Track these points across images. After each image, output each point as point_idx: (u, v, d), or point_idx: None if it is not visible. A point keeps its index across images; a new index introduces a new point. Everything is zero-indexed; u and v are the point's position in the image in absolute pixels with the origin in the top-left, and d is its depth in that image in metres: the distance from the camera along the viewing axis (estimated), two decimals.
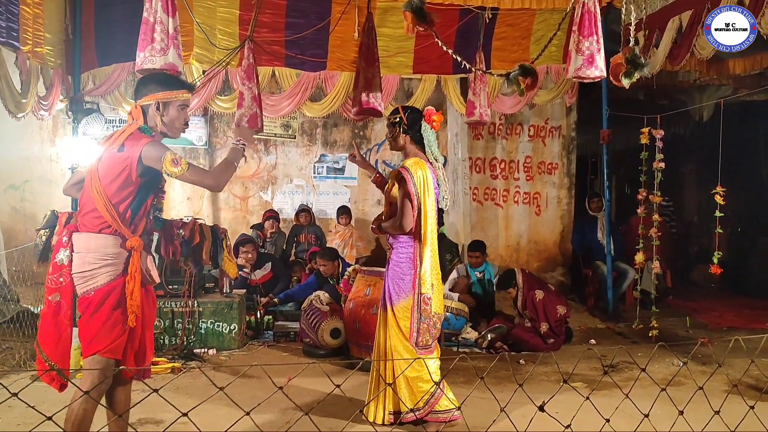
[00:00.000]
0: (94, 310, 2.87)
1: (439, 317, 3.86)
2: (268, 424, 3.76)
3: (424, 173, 3.80)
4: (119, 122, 8.60)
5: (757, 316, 7.66)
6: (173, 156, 2.85)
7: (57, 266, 2.91)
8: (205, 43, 6.91)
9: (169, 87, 3.06)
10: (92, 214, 2.89)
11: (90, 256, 2.88)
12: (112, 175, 2.87)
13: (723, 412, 2.35)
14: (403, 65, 7.65)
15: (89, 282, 2.87)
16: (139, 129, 2.97)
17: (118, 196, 2.89)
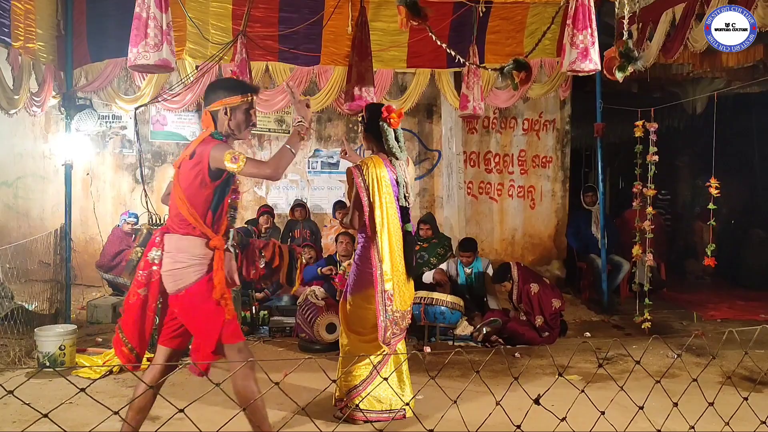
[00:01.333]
0: (194, 309, 3.07)
1: (403, 314, 3.91)
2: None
3: (376, 171, 3.85)
4: (112, 118, 8.58)
5: (751, 308, 7.69)
6: (232, 154, 2.98)
7: (148, 263, 3.11)
8: (198, 38, 6.88)
9: (235, 92, 3.20)
10: (178, 217, 3.09)
11: (179, 256, 3.06)
12: (189, 181, 3.06)
13: (717, 403, 2.36)
14: (396, 59, 7.64)
15: (179, 281, 3.05)
16: (211, 135, 3.14)
17: (198, 200, 3.06)
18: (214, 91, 3.25)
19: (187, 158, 3.08)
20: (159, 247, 3.11)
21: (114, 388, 4.63)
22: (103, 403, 1.78)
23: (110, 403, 4.15)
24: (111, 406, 2.56)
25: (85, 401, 3.86)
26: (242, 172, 3.03)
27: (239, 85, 3.38)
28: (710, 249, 5.92)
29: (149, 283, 3.10)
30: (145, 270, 3.11)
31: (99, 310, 6.78)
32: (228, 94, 3.20)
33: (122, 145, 8.79)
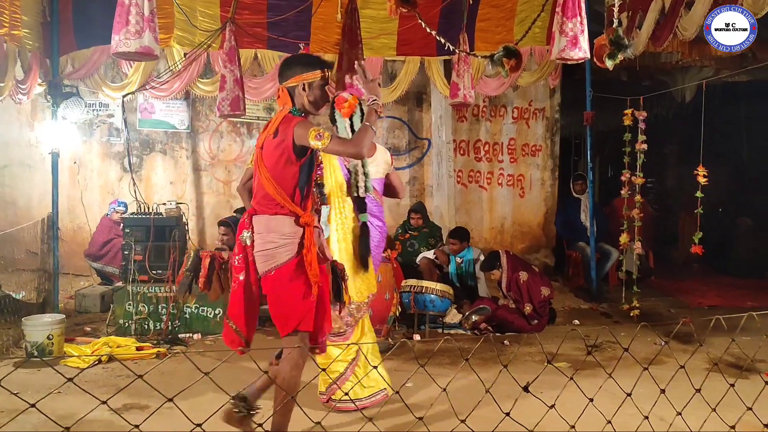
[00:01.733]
0: (281, 289, 3.05)
1: (358, 306, 3.94)
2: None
3: (328, 161, 3.91)
4: (99, 106, 8.49)
5: (738, 295, 7.77)
6: (317, 131, 2.95)
7: (241, 246, 3.14)
8: (186, 25, 6.82)
9: (312, 67, 3.18)
10: (265, 198, 3.08)
11: (270, 236, 3.06)
12: (274, 160, 3.04)
13: (704, 390, 2.38)
14: (386, 47, 7.61)
15: (269, 261, 3.05)
16: (290, 112, 3.11)
17: (285, 179, 3.05)
18: (289, 68, 3.21)
19: (270, 137, 3.07)
20: (248, 229, 3.13)
21: (103, 378, 4.62)
22: (91, 393, 1.77)
23: (99, 392, 4.14)
24: (99, 395, 2.54)
25: (74, 391, 3.85)
26: (327, 149, 3.01)
27: (316, 60, 3.35)
28: (697, 237, 5.95)
29: (247, 265, 3.13)
30: (239, 254, 3.15)
31: (87, 299, 6.75)
32: (305, 69, 3.17)
33: (110, 134, 8.72)
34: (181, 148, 8.76)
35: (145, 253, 5.84)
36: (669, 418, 2.47)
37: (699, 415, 2.53)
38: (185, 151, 8.77)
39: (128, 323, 5.76)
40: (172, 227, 5.94)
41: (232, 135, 8.83)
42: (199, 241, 8.64)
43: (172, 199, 6.57)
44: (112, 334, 5.69)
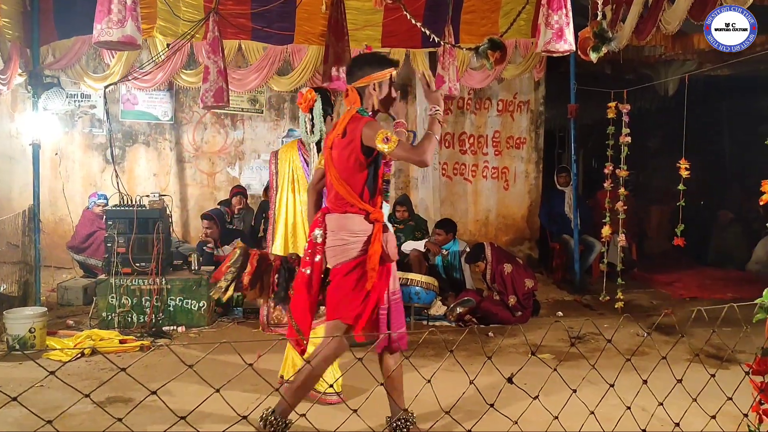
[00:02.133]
0: (340, 279, 3.13)
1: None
2: (238, 401, 3.76)
3: (288, 155, 3.99)
4: (81, 97, 8.41)
5: (718, 287, 7.84)
6: (384, 134, 2.99)
7: (312, 243, 3.23)
8: (169, 15, 6.75)
9: (382, 66, 3.22)
10: (336, 197, 3.16)
11: (342, 234, 3.14)
12: (343, 160, 3.11)
13: (685, 380, 2.41)
14: (371, 39, 7.57)
15: (339, 256, 3.14)
16: (357, 111, 3.15)
17: (354, 178, 3.12)
18: (360, 67, 3.24)
19: (339, 137, 3.12)
20: (321, 227, 3.20)
21: (86, 371, 4.58)
22: (74, 386, 1.75)
23: (82, 386, 4.11)
24: (82, 389, 2.53)
25: (56, 384, 3.81)
26: (392, 154, 3.03)
27: (385, 59, 3.37)
28: (679, 229, 6.01)
29: (313, 261, 3.21)
30: (309, 249, 3.23)
31: (70, 292, 6.69)
32: (375, 69, 3.20)
33: (92, 125, 8.63)
34: (165, 139, 8.70)
35: (128, 245, 5.80)
36: (651, 409, 2.49)
37: (680, 405, 2.56)
38: (168, 143, 8.71)
39: (111, 316, 5.72)
40: (156, 219, 5.90)
41: (216, 126, 8.78)
42: (183, 233, 8.59)
43: (156, 191, 6.52)
44: (95, 327, 5.65)
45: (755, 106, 9.02)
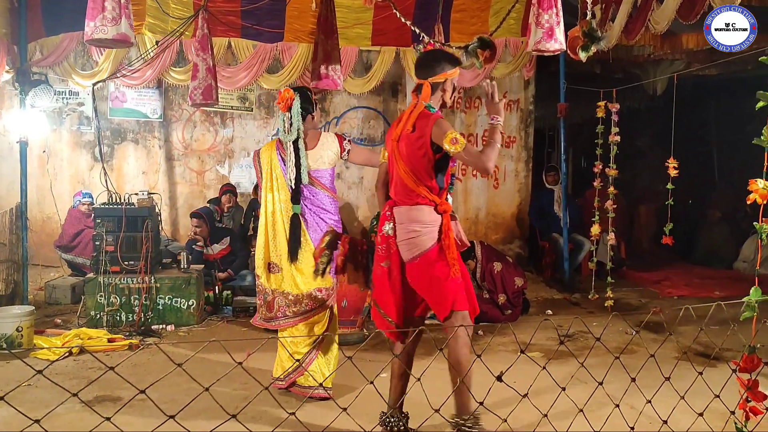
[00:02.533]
0: (427, 275, 3.19)
1: (284, 294, 3.98)
2: (227, 400, 3.75)
3: (267, 155, 4.04)
4: (69, 94, 8.34)
5: (706, 286, 7.90)
6: (453, 135, 3.08)
7: (384, 237, 3.29)
8: (158, 12, 6.71)
9: (454, 64, 3.33)
10: (405, 189, 3.24)
11: (412, 226, 3.22)
12: (413, 155, 3.19)
13: (673, 378, 2.43)
14: (361, 37, 7.57)
15: (414, 249, 3.21)
16: (426, 107, 3.23)
17: (423, 172, 3.20)
18: (438, 63, 3.29)
19: (408, 131, 3.19)
20: (390, 220, 3.27)
21: (74, 370, 4.56)
22: (61, 385, 1.74)
23: (70, 385, 4.09)
24: (70, 388, 2.51)
25: (44, 383, 3.79)
26: (457, 155, 3.12)
27: (456, 58, 3.46)
28: (668, 228, 6.05)
29: (389, 255, 3.27)
30: (382, 244, 3.29)
31: (58, 290, 6.65)
32: (451, 66, 3.29)
33: (80, 122, 8.57)
34: (154, 137, 8.65)
35: (116, 243, 5.77)
36: (639, 406, 2.51)
37: (668, 403, 2.58)
38: (158, 141, 8.66)
39: (100, 315, 5.69)
40: (145, 218, 5.87)
41: (206, 124, 8.74)
42: (172, 232, 8.55)
43: (145, 189, 6.49)
44: (84, 325, 5.62)
45: (743, 105, 9.03)
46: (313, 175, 3.97)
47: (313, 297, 3.97)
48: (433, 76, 3.27)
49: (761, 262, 3.11)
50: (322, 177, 4.00)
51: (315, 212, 3.98)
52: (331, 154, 4.03)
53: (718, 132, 11.50)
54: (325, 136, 4.08)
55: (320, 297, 3.98)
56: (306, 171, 3.93)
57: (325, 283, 3.99)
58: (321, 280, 3.95)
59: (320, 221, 3.98)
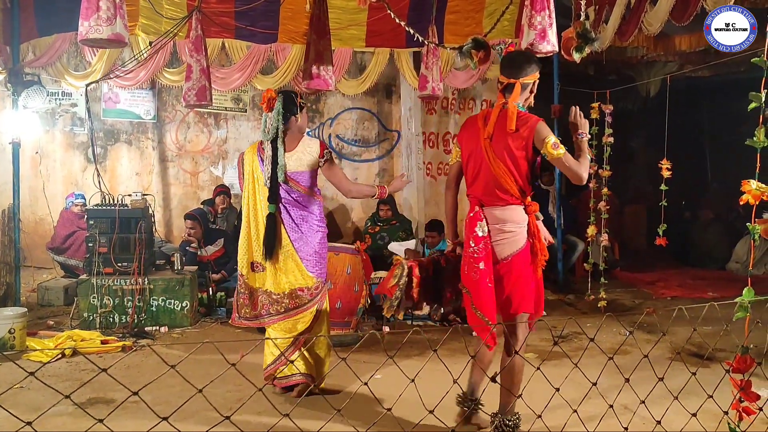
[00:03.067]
0: (519, 273, 3.27)
1: (267, 293, 4.01)
2: (221, 401, 3.74)
3: (249, 156, 4.09)
4: (62, 95, 8.32)
5: (699, 286, 7.92)
6: (555, 140, 3.15)
7: (479, 238, 3.28)
8: (152, 13, 6.69)
9: (539, 67, 3.37)
10: (500, 189, 3.26)
11: (507, 225, 3.27)
12: (513, 155, 3.20)
13: (667, 378, 2.43)
14: (355, 38, 7.57)
15: (506, 248, 3.26)
16: (520, 108, 3.26)
17: (521, 172, 3.23)
18: (529, 63, 3.33)
19: (511, 131, 3.18)
20: (482, 220, 3.29)
21: (66, 372, 4.54)
22: (54, 387, 1.73)
23: (62, 387, 4.07)
24: (63, 390, 2.50)
25: (36, 385, 3.78)
26: (557, 161, 3.17)
27: (539, 61, 3.50)
28: (661, 229, 6.07)
29: (486, 255, 3.27)
30: (479, 244, 3.28)
31: (50, 292, 6.62)
32: (538, 68, 3.34)
33: (73, 123, 8.55)
34: (147, 138, 8.63)
35: (110, 245, 5.75)
36: (633, 407, 2.51)
37: (662, 403, 2.59)
38: (151, 142, 8.64)
39: (93, 316, 5.67)
40: (138, 219, 5.85)
41: (199, 125, 8.73)
42: (166, 233, 8.53)
43: (138, 190, 6.48)
44: (77, 327, 5.59)
45: (736, 107, 9.11)
46: (291, 176, 3.99)
47: (295, 296, 3.99)
48: (524, 76, 3.29)
49: (754, 263, 3.12)
50: (301, 179, 4.00)
51: (293, 212, 4.00)
52: (310, 158, 4.01)
53: (711, 133, 11.55)
54: (307, 140, 4.08)
55: (303, 296, 4.00)
56: (282, 170, 3.95)
57: (306, 283, 4.00)
58: (303, 279, 3.98)
59: (300, 221, 4.00)
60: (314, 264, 4.02)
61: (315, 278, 4.01)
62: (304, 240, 3.99)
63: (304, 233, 3.98)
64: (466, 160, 3.42)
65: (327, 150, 4.07)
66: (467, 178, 3.46)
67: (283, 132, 4.01)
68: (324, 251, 4.09)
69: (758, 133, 2.77)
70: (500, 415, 3.29)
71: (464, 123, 3.57)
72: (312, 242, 4.01)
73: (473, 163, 3.36)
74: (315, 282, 4.01)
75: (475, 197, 3.37)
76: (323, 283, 4.08)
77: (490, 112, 3.33)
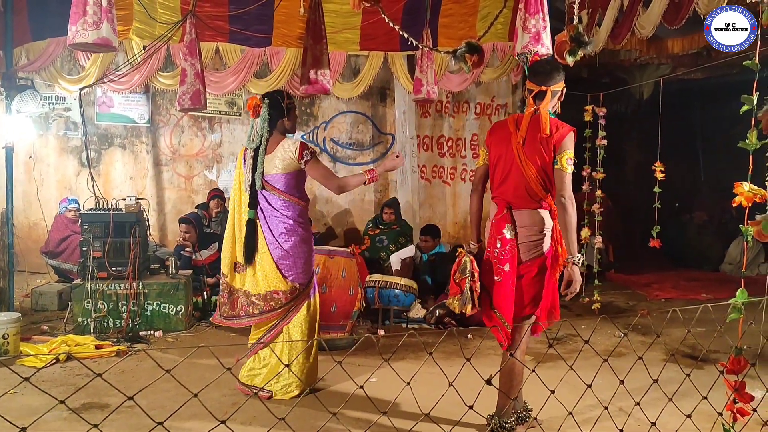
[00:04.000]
0: (539, 276, 3.34)
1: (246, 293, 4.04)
2: (216, 406, 3.73)
3: (240, 157, 4.18)
4: (56, 99, 8.29)
5: (693, 288, 7.96)
6: (571, 156, 3.26)
7: (506, 240, 3.35)
8: (145, 17, 6.69)
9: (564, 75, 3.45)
10: (528, 192, 3.32)
11: (534, 228, 3.33)
12: (542, 159, 3.27)
13: (661, 380, 2.44)
14: (349, 42, 7.57)
15: (532, 251, 3.33)
16: (552, 116, 3.34)
17: (549, 177, 3.29)
18: (558, 71, 3.39)
19: (546, 136, 3.25)
20: (510, 223, 3.34)
21: (61, 377, 4.52)
22: (48, 393, 1.73)
23: (57, 392, 4.06)
24: (57, 395, 2.49)
25: (31, 391, 3.76)
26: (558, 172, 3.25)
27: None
28: (655, 231, 6.10)
29: (511, 257, 3.32)
30: (505, 246, 3.34)
31: (44, 297, 6.59)
32: (564, 76, 3.40)
33: (66, 127, 8.52)
34: (141, 142, 8.61)
35: (104, 249, 5.73)
36: (628, 408, 2.52)
37: (657, 405, 2.59)
38: (145, 146, 8.62)
39: (87, 321, 5.64)
40: (132, 223, 5.84)
41: (194, 129, 8.72)
42: (161, 237, 8.51)
43: (132, 194, 6.45)
44: (71, 332, 5.57)
45: (728, 109, 9.17)
46: (267, 179, 4.00)
47: (269, 299, 4.01)
48: (554, 84, 3.34)
49: (747, 264, 3.14)
50: (276, 182, 4.00)
51: (269, 216, 4.02)
52: (287, 160, 3.98)
53: (704, 135, 11.61)
54: (286, 142, 4.05)
55: (278, 299, 4.01)
56: (260, 177, 3.98)
57: (282, 286, 4.01)
58: (278, 282, 4.00)
59: (276, 225, 4.01)
60: (289, 267, 4.02)
61: (290, 282, 4.01)
62: (279, 244, 4.01)
63: (277, 237, 4.01)
64: (494, 163, 3.48)
65: (307, 150, 3.99)
66: (494, 181, 3.50)
67: (267, 139, 4.03)
68: (302, 255, 4.05)
69: (750, 135, 2.79)
70: (497, 416, 3.30)
71: (492, 127, 3.63)
72: (286, 246, 4.01)
73: (502, 165, 3.41)
74: (290, 285, 4.01)
75: (503, 199, 3.41)
76: (303, 288, 4.06)
77: (521, 117, 3.40)
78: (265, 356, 4.10)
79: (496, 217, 3.41)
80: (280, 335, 4.05)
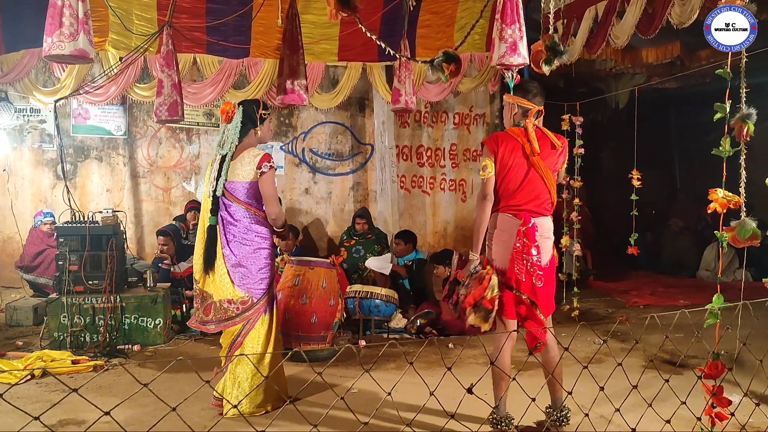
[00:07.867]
0: (551, 279, 3.58)
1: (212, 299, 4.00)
2: (196, 420, 3.68)
3: (210, 164, 4.18)
4: (30, 111, 8.19)
5: (671, 294, 8.03)
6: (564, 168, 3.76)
7: (539, 247, 3.52)
8: (121, 28, 6.65)
9: None
10: (547, 202, 3.57)
11: (549, 233, 3.59)
12: (552, 170, 3.57)
13: (641, 386, 2.45)
14: (328, 52, 7.59)
15: (547, 256, 3.54)
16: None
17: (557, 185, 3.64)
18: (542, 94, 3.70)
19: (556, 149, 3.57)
20: (538, 230, 3.52)
21: (36, 393, 4.44)
22: (22, 409, 1.69)
23: (32, 408, 3.98)
24: (32, 411, 2.45)
25: (5, 408, 3.68)
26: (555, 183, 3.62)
27: None
28: (633, 238, 6.16)
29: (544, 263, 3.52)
30: (539, 253, 3.51)
31: (19, 312, 6.49)
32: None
33: (42, 140, 8.41)
34: (118, 154, 8.53)
35: (80, 263, 5.66)
36: (608, 415, 2.53)
37: (637, 411, 2.61)
38: (122, 158, 8.54)
39: (63, 336, 5.56)
40: (109, 236, 5.77)
41: (171, 141, 8.66)
42: (138, 250, 8.42)
43: (109, 207, 6.40)
44: (47, 347, 5.48)
45: (702, 117, 9.33)
46: (227, 187, 3.99)
47: (223, 308, 3.98)
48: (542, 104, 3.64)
49: (723, 270, 3.18)
50: (236, 190, 3.98)
51: (227, 225, 4.01)
52: (248, 169, 3.96)
53: (679, 143, 11.77)
54: (252, 150, 4.02)
55: (229, 309, 3.97)
56: (222, 184, 3.98)
57: (234, 296, 3.97)
58: (228, 291, 3.97)
59: (232, 234, 3.99)
60: (241, 277, 3.97)
61: (242, 292, 3.97)
62: (233, 252, 3.98)
63: (231, 246, 3.98)
64: (504, 173, 3.54)
65: (267, 163, 3.95)
66: (505, 190, 3.56)
67: (236, 146, 4.02)
68: (256, 266, 3.99)
69: (724, 143, 2.84)
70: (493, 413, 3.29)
71: (495, 139, 3.61)
72: (239, 255, 3.97)
73: (514, 175, 3.53)
74: (242, 296, 3.96)
75: (526, 210, 3.53)
76: (256, 300, 4.00)
77: (522, 131, 3.57)
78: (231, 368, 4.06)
79: (525, 226, 3.49)
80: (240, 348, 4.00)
